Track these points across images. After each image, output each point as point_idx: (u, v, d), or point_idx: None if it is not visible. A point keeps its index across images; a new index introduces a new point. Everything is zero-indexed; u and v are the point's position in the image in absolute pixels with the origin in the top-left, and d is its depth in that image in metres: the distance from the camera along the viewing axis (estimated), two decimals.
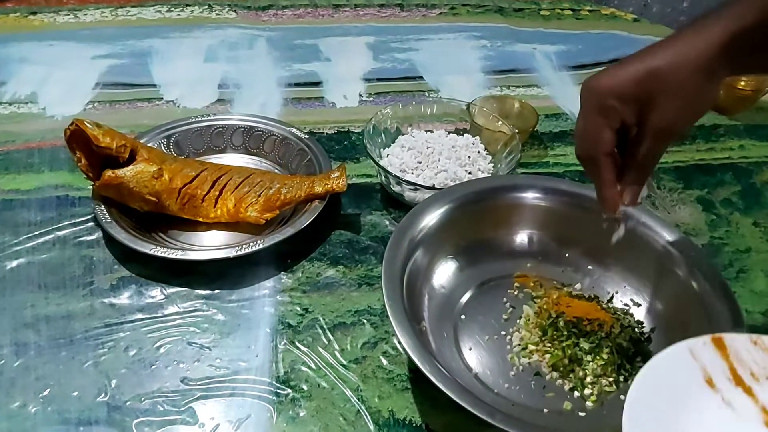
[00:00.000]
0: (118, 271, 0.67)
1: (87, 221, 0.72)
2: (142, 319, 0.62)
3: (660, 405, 0.45)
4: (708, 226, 0.78)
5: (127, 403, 0.55)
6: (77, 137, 0.68)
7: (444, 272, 0.64)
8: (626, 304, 0.64)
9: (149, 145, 0.75)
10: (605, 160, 0.49)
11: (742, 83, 0.95)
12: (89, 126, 0.67)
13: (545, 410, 0.56)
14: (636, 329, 0.61)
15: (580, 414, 0.56)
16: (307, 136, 0.80)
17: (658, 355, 0.47)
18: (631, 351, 0.59)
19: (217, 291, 0.65)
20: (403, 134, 0.82)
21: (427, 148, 0.78)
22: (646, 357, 0.59)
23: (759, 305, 0.68)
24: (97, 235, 0.70)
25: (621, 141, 0.50)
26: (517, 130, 0.79)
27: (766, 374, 0.46)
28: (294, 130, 0.81)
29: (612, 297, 0.65)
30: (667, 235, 0.62)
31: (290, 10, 1.18)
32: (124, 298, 0.64)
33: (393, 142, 0.81)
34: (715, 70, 0.46)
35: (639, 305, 0.63)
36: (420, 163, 0.77)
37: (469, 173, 0.76)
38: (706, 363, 0.46)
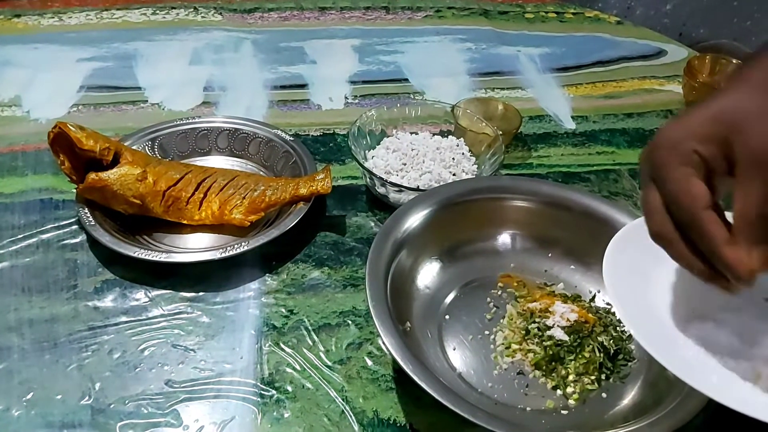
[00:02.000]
0: (102, 274, 0.67)
1: (71, 224, 0.72)
2: (126, 322, 0.62)
3: (636, 256, 0.48)
4: None
5: (111, 406, 0.55)
6: (61, 140, 0.68)
7: (428, 273, 0.65)
8: (608, 303, 0.65)
9: (134, 147, 0.75)
10: (708, 215, 0.37)
11: (723, 84, 0.97)
12: (72, 129, 0.67)
13: (528, 409, 0.56)
14: (617, 328, 0.62)
15: (563, 412, 0.56)
16: (292, 139, 0.80)
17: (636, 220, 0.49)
18: (613, 350, 0.60)
19: (201, 293, 0.65)
20: (388, 136, 0.82)
21: (412, 149, 0.79)
22: (628, 355, 0.60)
23: None
24: (81, 238, 0.70)
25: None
26: (500, 132, 0.79)
27: None
28: (279, 132, 0.81)
29: (594, 296, 0.65)
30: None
31: (276, 12, 1.18)
32: (108, 301, 0.64)
33: (378, 144, 0.81)
34: None
35: None
36: (405, 164, 0.77)
37: (454, 175, 0.77)
38: None
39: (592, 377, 0.58)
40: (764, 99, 0.38)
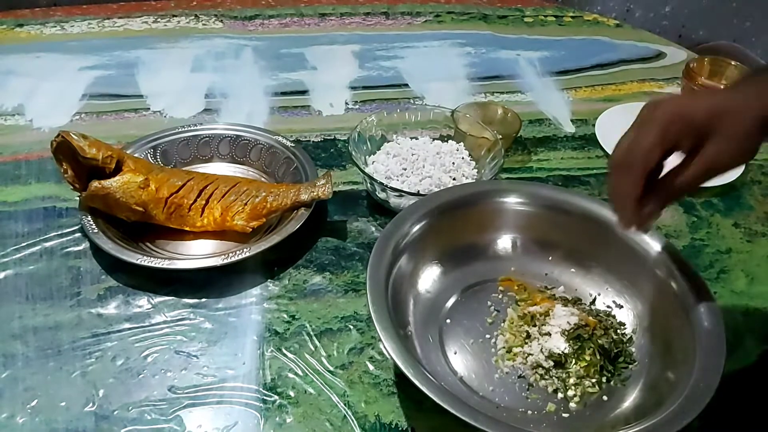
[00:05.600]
0: (105, 282, 0.67)
1: (74, 232, 0.72)
2: (130, 329, 0.63)
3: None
4: (689, 227, 0.79)
5: (115, 413, 0.56)
6: (63, 149, 0.68)
7: (429, 277, 0.65)
8: (608, 306, 0.65)
9: (136, 155, 0.76)
10: (642, 176, 0.50)
11: (722, 86, 0.97)
12: (75, 137, 0.67)
13: (529, 412, 0.56)
14: (618, 330, 0.62)
15: (564, 415, 0.56)
16: (293, 145, 0.81)
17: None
18: (614, 352, 0.60)
19: (204, 299, 0.66)
20: (388, 141, 0.83)
21: (412, 154, 0.79)
22: (628, 358, 0.61)
23: (739, 305, 0.69)
24: (84, 245, 0.71)
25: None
26: (500, 136, 0.80)
27: None
28: (280, 138, 0.82)
29: (595, 299, 0.66)
30: (647, 238, 0.63)
31: (276, 19, 1.18)
32: (111, 308, 0.64)
33: (378, 149, 0.82)
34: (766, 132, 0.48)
35: (621, 307, 0.64)
36: (405, 169, 0.78)
37: (454, 179, 0.77)
38: None
39: (593, 380, 0.58)
40: (750, 117, 0.48)
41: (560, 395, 0.58)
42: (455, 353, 0.61)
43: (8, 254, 0.69)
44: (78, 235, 0.72)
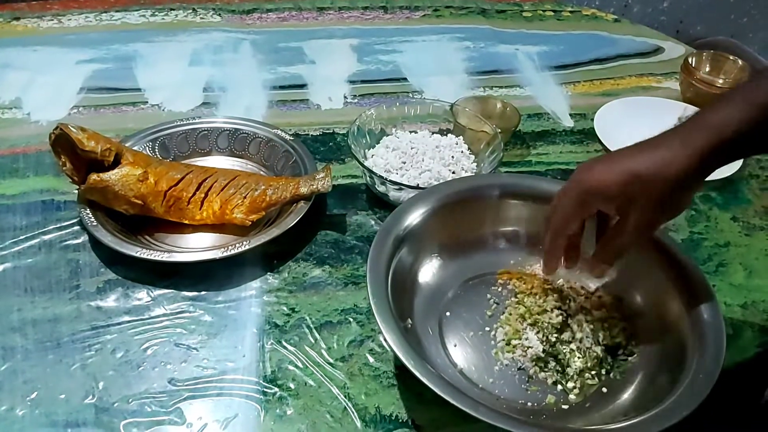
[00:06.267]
0: (105, 274, 0.67)
1: (73, 225, 0.72)
2: (129, 322, 0.63)
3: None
4: (687, 221, 0.79)
5: (115, 405, 0.56)
6: (62, 142, 0.68)
7: (428, 270, 0.65)
8: (607, 299, 0.65)
9: (134, 148, 0.76)
10: (563, 238, 0.56)
11: (720, 81, 0.97)
12: (73, 130, 0.67)
13: (529, 404, 0.57)
14: (618, 323, 0.62)
15: (564, 407, 0.57)
16: (292, 138, 0.81)
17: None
18: (613, 345, 0.60)
19: (203, 292, 0.66)
20: (387, 135, 0.83)
21: (411, 148, 0.79)
22: (628, 351, 0.61)
23: (738, 298, 0.70)
24: (83, 238, 0.70)
25: (601, 221, 0.57)
26: (499, 130, 0.80)
27: None
28: (279, 132, 0.81)
29: (594, 292, 0.66)
30: None
31: (275, 13, 1.18)
32: (110, 301, 0.64)
33: (377, 143, 0.82)
34: (692, 183, 0.50)
35: (621, 299, 0.64)
36: (404, 163, 0.78)
37: (453, 173, 0.77)
38: None
39: (593, 372, 0.59)
40: (666, 179, 0.49)
41: (560, 387, 0.58)
42: (455, 345, 0.61)
43: (7, 247, 0.69)
44: (77, 228, 0.72)
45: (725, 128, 0.48)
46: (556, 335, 0.60)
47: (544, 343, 0.60)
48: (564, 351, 0.59)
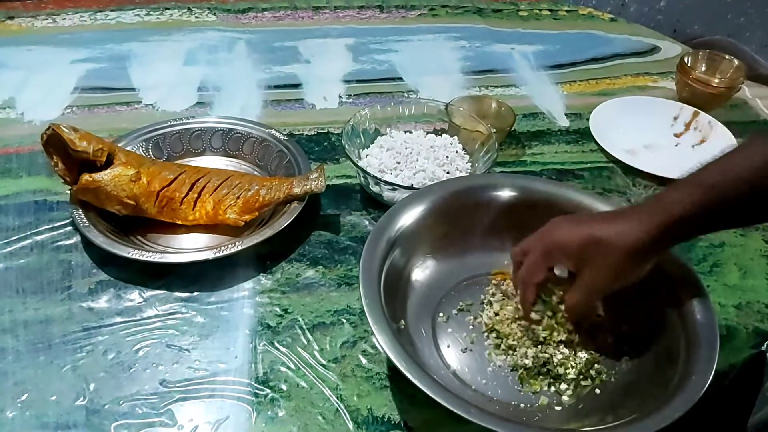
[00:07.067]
0: (97, 275, 0.67)
1: (65, 225, 0.72)
2: (121, 323, 0.62)
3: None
4: None
5: (106, 407, 0.55)
6: (54, 142, 0.68)
7: (422, 270, 0.65)
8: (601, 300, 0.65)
9: (128, 148, 0.75)
10: (532, 286, 0.59)
11: (716, 81, 0.97)
12: (65, 130, 0.67)
13: (522, 405, 0.56)
14: (610, 323, 0.62)
15: (557, 408, 0.56)
16: (286, 138, 0.80)
17: None
18: (606, 344, 0.60)
19: (196, 293, 0.65)
20: (381, 135, 0.82)
21: (406, 148, 0.79)
22: (621, 352, 0.60)
23: (732, 299, 0.70)
24: (75, 239, 0.70)
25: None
26: (494, 130, 0.79)
27: None
28: (273, 131, 0.81)
29: None
30: None
31: (270, 12, 1.18)
32: (102, 302, 0.64)
33: (372, 143, 0.81)
34: (644, 256, 0.54)
35: (614, 300, 0.64)
36: (399, 163, 0.77)
37: (447, 173, 0.77)
38: None
39: (585, 374, 0.58)
40: (620, 249, 0.53)
41: (553, 389, 0.58)
42: (448, 346, 0.61)
43: None
44: (69, 228, 0.71)
45: (674, 208, 0.52)
46: (548, 336, 0.60)
47: (537, 346, 0.59)
48: (556, 353, 0.59)
